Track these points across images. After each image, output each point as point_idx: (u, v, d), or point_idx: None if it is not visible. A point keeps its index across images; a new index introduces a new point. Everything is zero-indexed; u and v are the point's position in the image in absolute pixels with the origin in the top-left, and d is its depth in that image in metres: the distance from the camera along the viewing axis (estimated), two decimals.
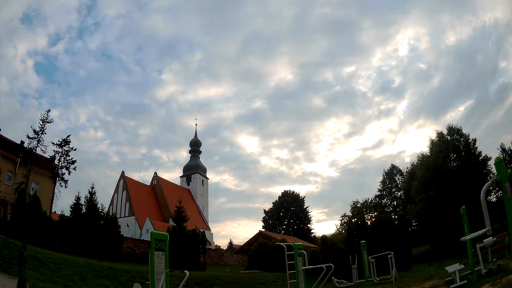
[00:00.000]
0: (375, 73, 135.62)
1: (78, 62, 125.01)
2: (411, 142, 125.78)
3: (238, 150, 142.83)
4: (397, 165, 49.55)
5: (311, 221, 61.05)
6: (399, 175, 47.99)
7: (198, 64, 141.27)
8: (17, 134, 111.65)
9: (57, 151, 28.32)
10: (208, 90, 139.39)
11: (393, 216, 38.10)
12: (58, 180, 28.50)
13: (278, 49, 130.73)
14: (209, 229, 63.38)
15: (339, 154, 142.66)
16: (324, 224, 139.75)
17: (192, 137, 75.30)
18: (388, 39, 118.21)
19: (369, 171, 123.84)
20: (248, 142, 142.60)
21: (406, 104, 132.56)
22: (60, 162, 28.52)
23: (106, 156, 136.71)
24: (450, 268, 8.61)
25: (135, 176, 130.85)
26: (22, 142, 27.26)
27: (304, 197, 62.00)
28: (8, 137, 28.03)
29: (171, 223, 35.70)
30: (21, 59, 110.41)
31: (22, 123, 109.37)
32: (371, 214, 49.93)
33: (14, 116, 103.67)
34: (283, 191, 63.03)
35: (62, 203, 59.43)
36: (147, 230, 43.70)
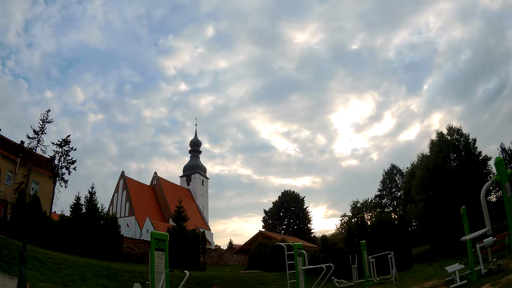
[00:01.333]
0: (406, 45, 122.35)
1: (75, 27, 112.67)
2: (437, 125, 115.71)
3: (252, 135, 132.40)
4: (397, 165, 49.64)
5: (311, 221, 61.14)
6: (399, 175, 48.04)
7: (213, 29, 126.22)
8: (7, 121, 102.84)
9: (57, 151, 28.39)
10: (224, 60, 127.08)
11: (393, 216, 38.11)
12: (58, 180, 28.51)
13: (312, 8, 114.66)
14: (209, 229, 63.38)
15: (361, 140, 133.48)
16: (335, 220, 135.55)
17: (192, 136, 75.46)
18: (424, 5, 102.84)
19: (394, 159, 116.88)
20: (263, 125, 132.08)
21: (433, 83, 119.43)
22: (60, 162, 28.55)
23: (104, 144, 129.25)
24: (450, 268, 8.60)
25: (136, 166, 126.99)
26: (22, 142, 27.28)
27: (304, 197, 62.12)
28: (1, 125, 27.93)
29: (171, 223, 35.71)
30: (15, 32, 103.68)
31: (14, 107, 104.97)
32: (370, 214, 49.98)
33: (5, 100, 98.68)
34: (283, 190, 63.08)
35: (62, 203, 59.24)
36: (147, 230, 43.68)
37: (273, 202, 61.80)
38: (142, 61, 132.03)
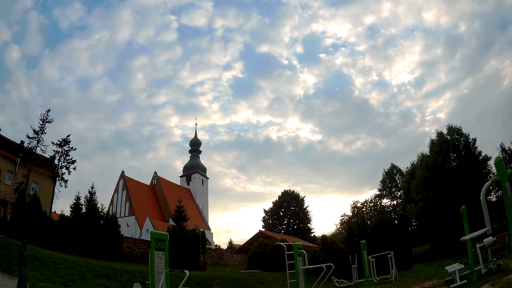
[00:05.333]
0: None
1: None
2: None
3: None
4: (397, 165, 49.62)
5: (311, 221, 61.18)
6: (399, 175, 48.04)
7: None
8: None
9: (57, 151, 28.37)
10: None
11: (393, 216, 38.12)
12: (58, 180, 28.50)
13: None
14: (209, 229, 63.39)
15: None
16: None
17: (192, 136, 75.40)
18: None
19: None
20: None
21: None
22: (60, 162, 28.55)
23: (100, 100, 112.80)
24: (450, 268, 8.60)
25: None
26: (22, 142, 27.29)
27: (304, 196, 62.21)
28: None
29: (171, 223, 35.70)
30: None
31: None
32: (370, 214, 50.03)
33: None
34: (283, 190, 63.14)
35: (62, 203, 59.29)
36: (147, 230, 43.66)
37: (273, 202, 61.98)
38: None
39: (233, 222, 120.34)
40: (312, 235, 58.44)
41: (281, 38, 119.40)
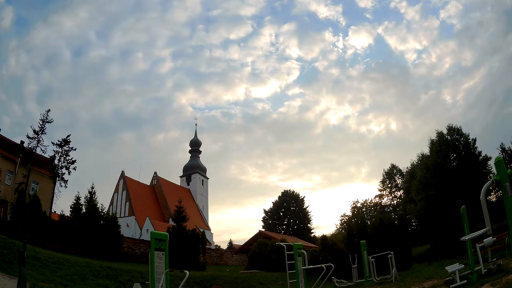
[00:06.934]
0: None
1: None
2: None
3: None
4: (397, 165, 49.59)
5: (311, 221, 61.17)
6: (399, 175, 48.04)
7: None
8: None
9: (57, 151, 28.35)
10: None
11: (393, 216, 38.09)
12: (58, 180, 28.50)
13: None
14: (209, 229, 63.42)
15: None
16: None
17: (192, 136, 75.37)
18: None
19: None
20: None
21: None
22: (60, 162, 28.54)
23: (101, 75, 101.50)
24: (450, 268, 8.61)
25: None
26: (22, 142, 27.29)
27: (304, 196, 62.23)
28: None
29: (171, 223, 35.69)
30: None
31: None
32: (370, 214, 50.05)
33: None
34: (283, 190, 63.13)
35: (62, 203, 59.42)
36: (147, 230, 43.69)
37: (273, 202, 61.97)
38: None
39: (245, 216, 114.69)
40: (312, 235, 58.44)
41: None
